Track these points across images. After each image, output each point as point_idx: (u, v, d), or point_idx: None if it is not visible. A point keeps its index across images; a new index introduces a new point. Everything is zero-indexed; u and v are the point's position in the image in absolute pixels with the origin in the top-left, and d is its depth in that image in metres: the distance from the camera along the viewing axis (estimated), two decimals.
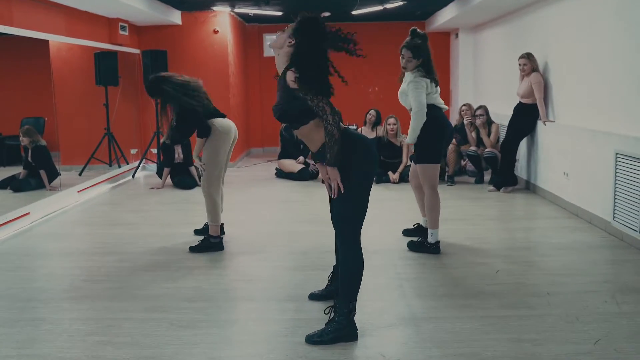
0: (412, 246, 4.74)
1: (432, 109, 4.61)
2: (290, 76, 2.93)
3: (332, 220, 3.22)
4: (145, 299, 3.76)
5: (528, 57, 6.89)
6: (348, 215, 3.06)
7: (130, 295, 3.86)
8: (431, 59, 4.65)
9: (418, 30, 4.68)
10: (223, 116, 4.94)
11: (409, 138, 4.65)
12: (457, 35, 10.91)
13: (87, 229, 5.86)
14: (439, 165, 4.70)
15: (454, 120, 9.58)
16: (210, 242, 4.85)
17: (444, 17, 9.78)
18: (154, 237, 5.35)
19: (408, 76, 4.66)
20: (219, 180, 4.87)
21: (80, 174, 8.72)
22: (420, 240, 4.74)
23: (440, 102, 4.74)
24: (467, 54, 10.71)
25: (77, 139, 9.18)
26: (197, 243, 4.88)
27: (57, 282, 4.16)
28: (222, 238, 4.92)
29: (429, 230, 4.70)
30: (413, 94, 4.55)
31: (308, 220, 5.87)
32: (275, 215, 6.22)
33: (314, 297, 3.73)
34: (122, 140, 9.27)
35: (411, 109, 4.64)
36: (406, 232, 5.23)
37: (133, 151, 9.80)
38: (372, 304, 3.59)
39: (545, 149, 6.77)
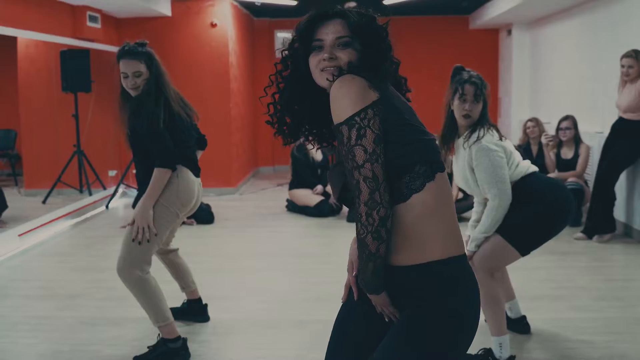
0: None
1: (531, 183, 2.84)
2: None
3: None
4: None
5: (636, 56, 4.98)
6: None
7: None
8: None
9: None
10: (197, 171, 3.14)
11: (480, 231, 2.83)
12: (509, 32, 9.07)
13: (1, 307, 3.98)
14: (520, 257, 2.84)
15: (516, 138, 7.68)
16: (168, 347, 2.97)
17: (496, 10, 8.03)
18: (94, 328, 3.48)
19: (463, 144, 2.86)
20: (150, 257, 2.96)
21: (44, 202, 7.02)
22: (482, 355, 2.83)
23: (530, 166, 2.92)
24: (523, 54, 8.90)
25: (42, 157, 7.52)
26: (147, 349, 3.00)
27: None
28: (184, 341, 3.04)
29: (493, 339, 2.83)
30: (487, 170, 2.77)
31: (330, 297, 3.93)
32: (281, 283, 4.31)
33: None
34: (97, 159, 7.47)
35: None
36: None
37: (112, 173, 7.97)
38: None
39: None
